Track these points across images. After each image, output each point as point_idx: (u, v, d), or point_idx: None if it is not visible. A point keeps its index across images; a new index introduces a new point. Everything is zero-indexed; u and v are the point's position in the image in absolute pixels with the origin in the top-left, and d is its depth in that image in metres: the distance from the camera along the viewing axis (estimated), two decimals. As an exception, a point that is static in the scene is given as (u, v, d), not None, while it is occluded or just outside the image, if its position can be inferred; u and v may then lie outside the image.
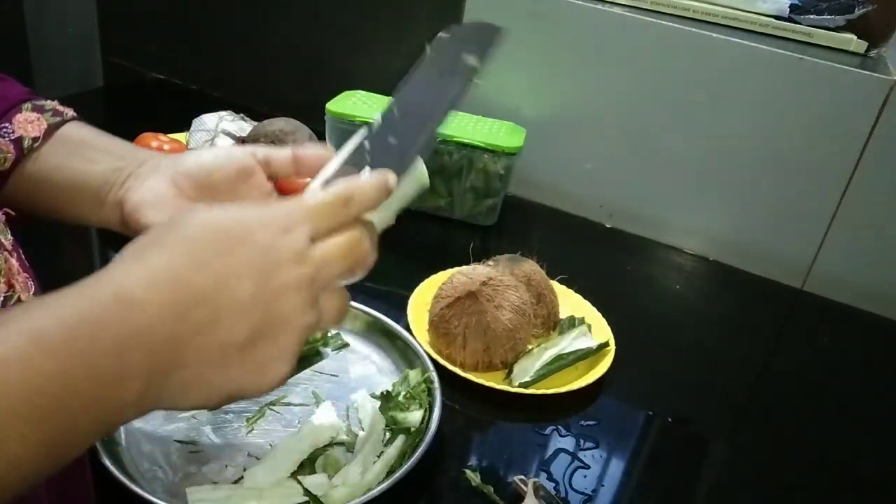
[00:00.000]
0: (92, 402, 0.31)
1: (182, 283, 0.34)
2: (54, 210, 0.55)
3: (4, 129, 0.53)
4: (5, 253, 0.43)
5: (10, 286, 0.43)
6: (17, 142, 0.52)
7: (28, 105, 0.54)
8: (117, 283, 0.33)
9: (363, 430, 0.66)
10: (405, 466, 0.59)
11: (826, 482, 0.74)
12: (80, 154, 0.54)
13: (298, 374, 0.73)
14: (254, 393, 0.37)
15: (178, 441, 0.63)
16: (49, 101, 0.56)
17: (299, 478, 0.60)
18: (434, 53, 0.49)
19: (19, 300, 0.43)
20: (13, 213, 0.48)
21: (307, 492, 0.58)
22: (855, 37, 1.04)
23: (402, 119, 0.47)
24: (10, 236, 0.46)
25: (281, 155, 0.54)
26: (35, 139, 0.53)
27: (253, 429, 0.65)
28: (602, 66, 1.08)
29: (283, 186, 0.56)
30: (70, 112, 0.56)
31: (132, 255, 0.35)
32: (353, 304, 0.79)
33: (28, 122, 0.53)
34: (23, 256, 0.47)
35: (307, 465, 0.61)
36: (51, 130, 0.54)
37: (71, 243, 0.94)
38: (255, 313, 0.35)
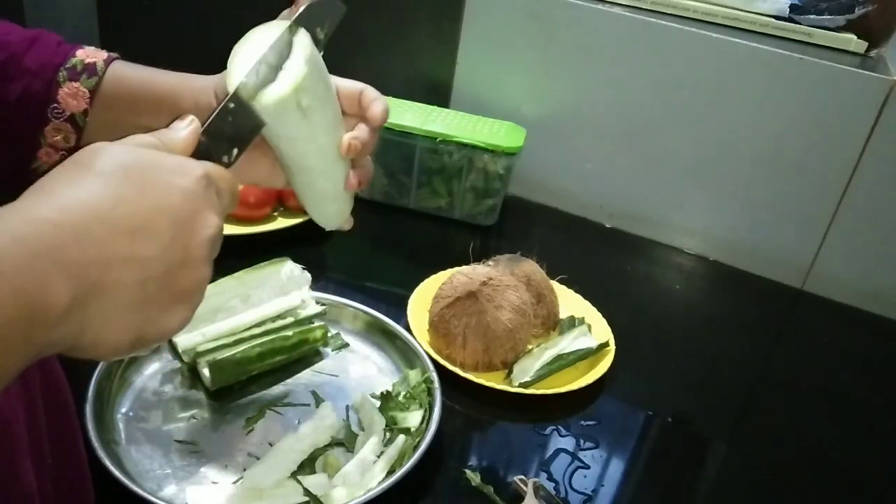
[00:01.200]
0: (17, 317, 0.29)
1: (96, 213, 0.34)
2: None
3: (56, 110, 0.54)
4: None
5: None
6: (71, 119, 0.54)
7: (63, 74, 0.54)
8: (28, 206, 0.33)
9: (363, 430, 0.66)
10: (405, 466, 0.59)
11: (826, 482, 0.74)
12: (137, 110, 0.55)
13: (298, 374, 0.73)
14: (158, 337, 0.37)
15: (178, 441, 0.63)
16: (79, 56, 0.55)
17: (299, 478, 0.60)
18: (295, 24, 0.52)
19: None
20: None
21: (307, 492, 0.58)
22: (855, 37, 1.04)
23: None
24: None
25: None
26: (84, 111, 0.54)
27: (253, 429, 0.65)
28: (602, 66, 1.08)
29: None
30: (101, 60, 0.56)
31: (40, 190, 0.34)
32: (353, 304, 0.80)
33: (71, 97, 0.54)
34: None
35: (307, 465, 0.62)
36: (93, 96, 0.54)
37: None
38: (174, 251, 0.36)
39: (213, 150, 0.44)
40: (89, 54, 0.56)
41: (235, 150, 0.46)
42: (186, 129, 0.42)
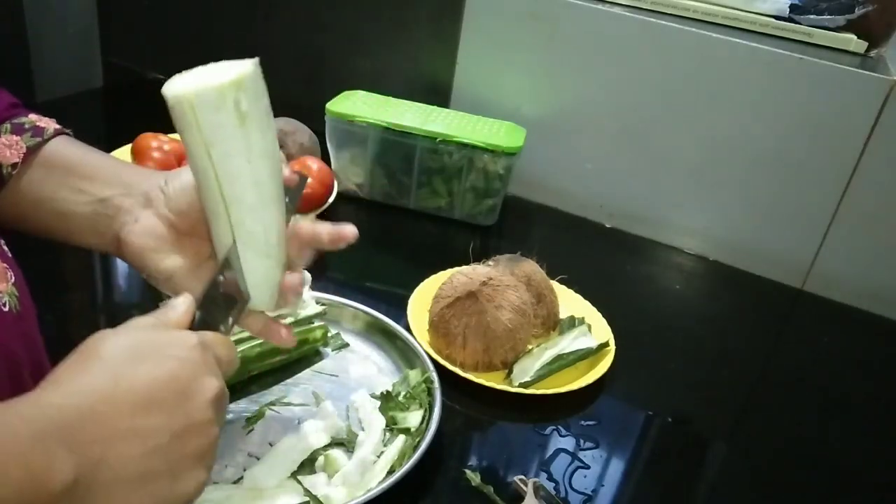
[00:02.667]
0: (22, 489, 0.31)
1: (99, 394, 0.36)
2: (48, 234, 0.54)
3: None
4: None
5: None
6: None
7: (7, 126, 0.53)
8: (36, 396, 0.35)
9: (363, 429, 0.66)
10: (405, 466, 0.59)
11: (826, 482, 0.74)
12: (65, 182, 0.53)
13: (298, 374, 0.73)
14: (183, 496, 0.38)
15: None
16: (30, 117, 0.54)
17: (299, 478, 0.60)
18: None
19: None
20: None
21: (307, 492, 0.58)
22: (855, 37, 1.04)
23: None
24: None
25: None
26: (14, 165, 0.52)
27: (253, 429, 0.65)
28: (602, 66, 1.08)
29: None
30: (51, 128, 0.54)
31: (50, 381, 0.36)
32: (353, 304, 0.80)
33: (7, 147, 0.52)
34: (3, 247, 0.47)
35: (307, 465, 0.62)
36: (30, 153, 0.53)
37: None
38: (176, 420, 0.37)
39: (211, 321, 0.46)
40: (42, 119, 0.55)
41: (231, 319, 0.47)
42: (182, 305, 0.44)
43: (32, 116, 0.55)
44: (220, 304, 0.47)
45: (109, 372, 0.36)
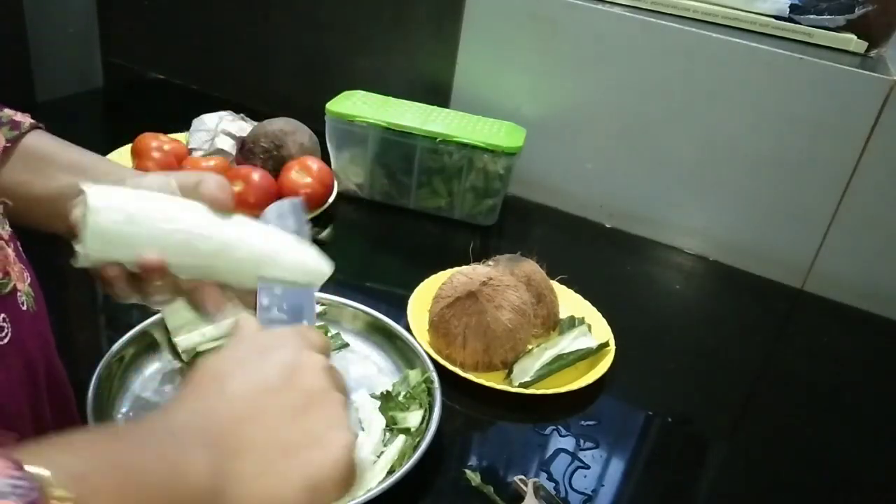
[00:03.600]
0: (163, 483, 0.32)
1: (217, 388, 0.38)
2: (25, 222, 0.55)
3: None
4: (2, 242, 0.44)
5: (6, 274, 0.44)
6: None
7: None
8: (160, 416, 0.38)
9: (363, 430, 0.66)
10: (405, 466, 0.59)
11: (826, 482, 0.74)
12: (41, 171, 0.54)
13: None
14: (331, 471, 0.38)
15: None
16: (6, 112, 0.55)
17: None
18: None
19: (15, 289, 0.44)
20: (10, 204, 0.48)
21: None
22: (855, 37, 1.04)
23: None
24: (7, 227, 0.46)
25: (191, 181, 0.53)
26: None
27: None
28: (602, 66, 1.08)
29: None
30: (27, 122, 0.56)
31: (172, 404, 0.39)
32: (354, 304, 0.80)
33: None
34: (19, 247, 0.47)
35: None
36: (9, 146, 0.54)
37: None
38: (291, 396, 0.39)
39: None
40: (17, 114, 0.56)
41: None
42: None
43: (8, 111, 0.56)
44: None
45: (217, 383, 0.39)
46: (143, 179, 0.53)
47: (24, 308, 0.45)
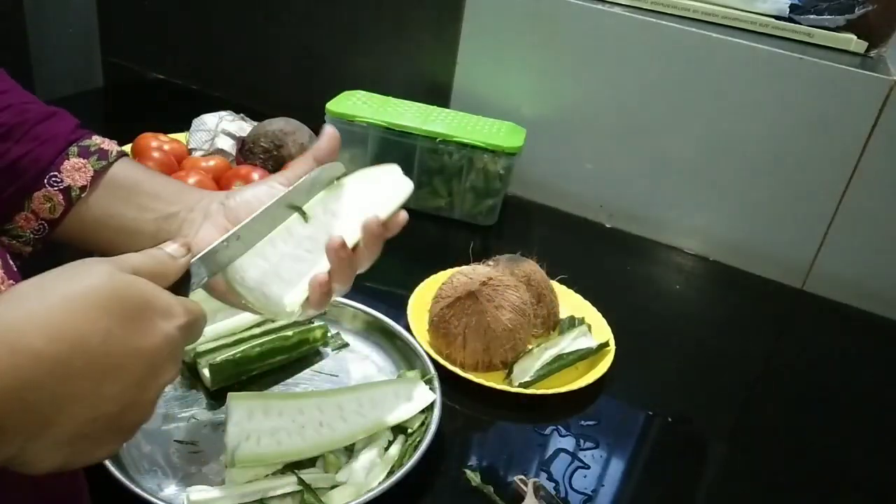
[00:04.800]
0: None
1: (83, 347, 0.34)
2: (110, 251, 0.56)
3: (54, 178, 0.54)
4: None
5: None
6: (66, 191, 0.54)
7: (74, 149, 0.55)
8: (18, 329, 0.33)
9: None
10: (405, 466, 0.59)
11: (826, 482, 0.74)
12: (131, 201, 0.55)
13: (298, 374, 0.73)
14: (92, 460, 0.37)
15: (178, 441, 0.63)
16: (94, 140, 0.56)
17: (300, 475, 0.60)
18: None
19: None
20: None
21: (301, 481, 0.58)
22: (855, 37, 1.04)
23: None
24: None
25: (306, 166, 0.56)
26: (83, 188, 0.54)
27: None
28: (602, 66, 1.08)
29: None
30: (115, 150, 0.57)
31: (36, 296, 0.34)
32: (353, 303, 0.80)
33: (75, 170, 0.54)
34: (10, 263, 0.47)
35: (307, 465, 0.61)
36: (97, 176, 0.55)
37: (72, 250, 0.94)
38: (133, 393, 0.37)
39: (194, 276, 0.46)
40: (105, 142, 0.57)
41: (204, 280, 0.47)
42: (182, 258, 0.44)
43: (96, 139, 0.57)
44: (214, 266, 0.48)
45: (102, 324, 0.35)
46: (240, 194, 0.54)
47: None
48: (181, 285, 0.44)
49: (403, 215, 0.57)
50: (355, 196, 0.56)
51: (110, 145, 0.57)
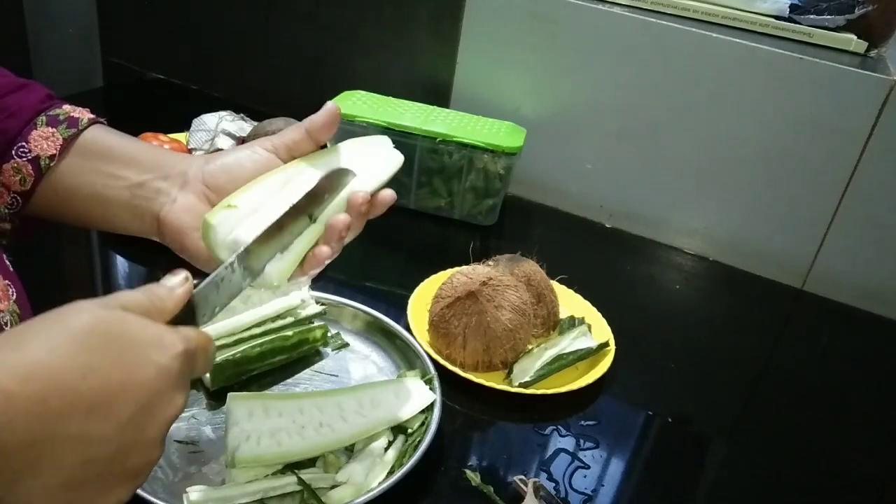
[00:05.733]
0: None
1: (60, 384, 0.31)
2: (86, 222, 0.54)
3: (21, 149, 0.52)
4: None
5: None
6: (35, 161, 0.52)
7: (42, 119, 0.53)
8: None
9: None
10: (405, 466, 0.59)
11: (826, 482, 0.74)
12: (102, 169, 0.53)
13: (298, 374, 0.73)
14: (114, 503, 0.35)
15: (178, 441, 0.63)
16: (63, 108, 0.55)
17: (300, 475, 0.60)
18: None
19: None
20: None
21: (301, 481, 0.58)
22: (855, 37, 1.04)
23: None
24: None
25: (297, 136, 0.54)
26: (52, 157, 0.52)
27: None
28: (602, 66, 1.08)
29: None
30: (85, 117, 0.55)
31: (12, 341, 0.32)
32: (353, 303, 0.80)
33: (44, 139, 0.52)
34: (6, 262, 0.46)
35: (307, 464, 0.61)
36: (67, 144, 0.53)
37: (71, 245, 0.94)
38: (129, 432, 0.34)
39: (199, 309, 0.42)
40: (76, 110, 0.55)
41: (217, 309, 0.44)
42: (180, 288, 0.40)
43: (66, 107, 0.55)
44: (216, 299, 0.45)
45: (80, 359, 0.32)
46: (220, 158, 0.51)
47: (8, 328, 0.43)
48: (187, 316, 0.41)
49: (391, 194, 0.54)
50: (345, 163, 0.54)
51: (82, 113, 0.55)
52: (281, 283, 0.50)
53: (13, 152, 0.52)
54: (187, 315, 0.41)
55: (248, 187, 0.50)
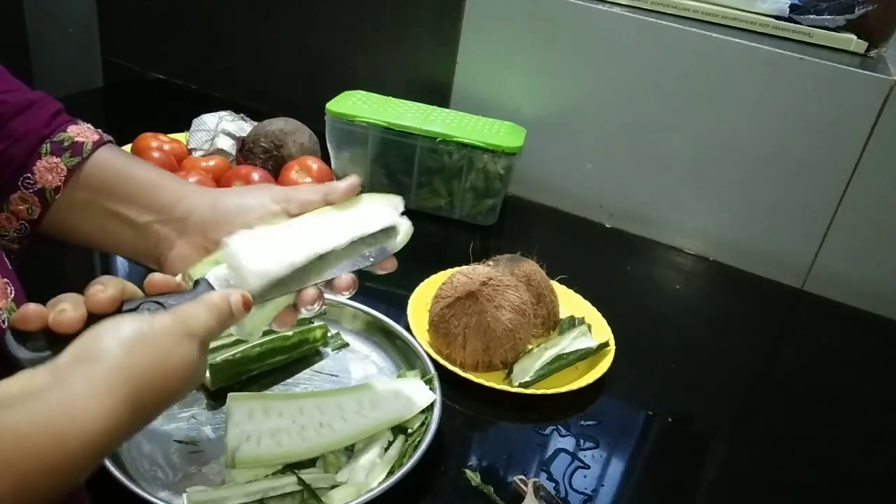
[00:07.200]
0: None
1: (136, 404, 0.38)
2: (93, 247, 0.57)
3: (27, 180, 0.53)
4: None
5: None
6: (40, 193, 0.53)
7: (46, 147, 0.53)
8: (90, 433, 0.35)
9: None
10: (405, 466, 0.59)
11: (826, 482, 0.74)
12: (104, 206, 0.54)
13: (298, 374, 0.73)
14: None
15: (178, 441, 0.63)
16: (69, 132, 0.54)
17: (300, 475, 0.60)
18: None
19: None
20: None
21: (301, 481, 0.58)
22: (855, 37, 1.04)
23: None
24: None
25: (314, 199, 0.56)
26: (57, 189, 0.53)
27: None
28: (602, 66, 1.08)
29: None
30: (89, 142, 0.55)
31: (80, 389, 0.36)
32: (353, 303, 0.80)
33: (48, 171, 0.53)
34: (5, 260, 0.46)
35: (307, 465, 0.61)
36: (72, 174, 0.54)
37: (69, 243, 0.94)
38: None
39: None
40: (81, 132, 0.55)
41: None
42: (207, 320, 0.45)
43: (71, 130, 0.55)
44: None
45: (157, 388, 0.40)
46: (227, 210, 0.54)
47: (6, 326, 0.43)
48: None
49: (349, 281, 0.60)
50: (352, 218, 0.59)
51: (86, 135, 0.55)
52: (253, 335, 0.52)
53: (19, 183, 0.53)
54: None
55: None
